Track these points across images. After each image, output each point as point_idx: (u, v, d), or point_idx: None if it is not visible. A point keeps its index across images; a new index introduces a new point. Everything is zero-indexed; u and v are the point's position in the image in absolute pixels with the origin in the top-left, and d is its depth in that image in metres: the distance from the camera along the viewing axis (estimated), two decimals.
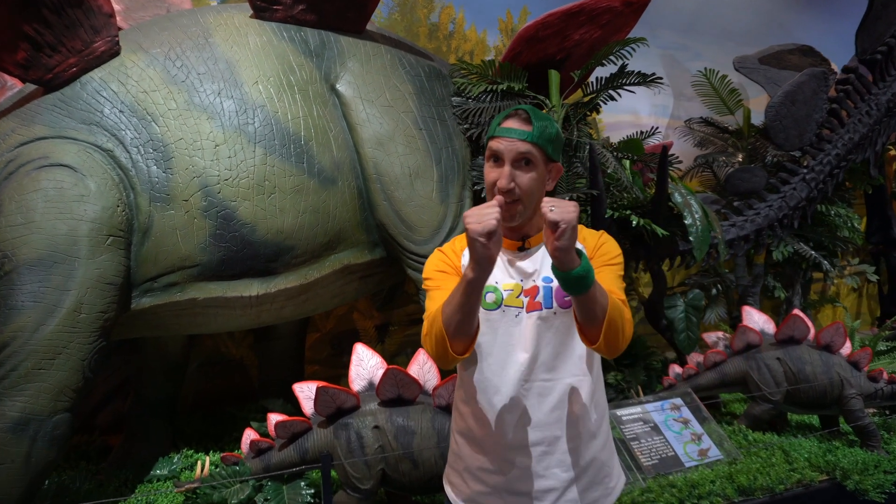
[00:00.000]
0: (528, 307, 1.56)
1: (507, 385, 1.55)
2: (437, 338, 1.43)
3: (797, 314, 3.57)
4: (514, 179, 1.50)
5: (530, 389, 1.55)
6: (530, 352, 1.55)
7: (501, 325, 1.56)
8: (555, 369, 1.56)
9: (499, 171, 1.52)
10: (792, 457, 3.23)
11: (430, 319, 1.47)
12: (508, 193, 1.50)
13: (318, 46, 3.01)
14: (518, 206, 1.53)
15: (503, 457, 1.57)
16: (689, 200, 3.26)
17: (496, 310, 1.56)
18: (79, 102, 2.58)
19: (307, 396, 2.65)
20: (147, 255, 2.56)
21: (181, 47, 2.77)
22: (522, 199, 1.52)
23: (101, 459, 3.35)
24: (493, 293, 1.57)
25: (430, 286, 1.59)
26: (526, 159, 1.51)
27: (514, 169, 1.51)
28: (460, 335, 1.42)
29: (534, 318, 1.55)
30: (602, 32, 3.40)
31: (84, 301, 2.33)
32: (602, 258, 1.60)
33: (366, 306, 4.58)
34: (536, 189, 1.55)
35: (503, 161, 1.52)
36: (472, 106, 3.30)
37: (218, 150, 2.64)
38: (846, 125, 4.15)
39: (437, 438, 2.53)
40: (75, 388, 2.32)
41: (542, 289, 1.56)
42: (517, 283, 1.58)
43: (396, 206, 2.97)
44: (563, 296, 1.56)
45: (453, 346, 1.43)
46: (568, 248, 1.29)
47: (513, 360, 1.55)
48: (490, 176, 1.55)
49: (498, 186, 1.51)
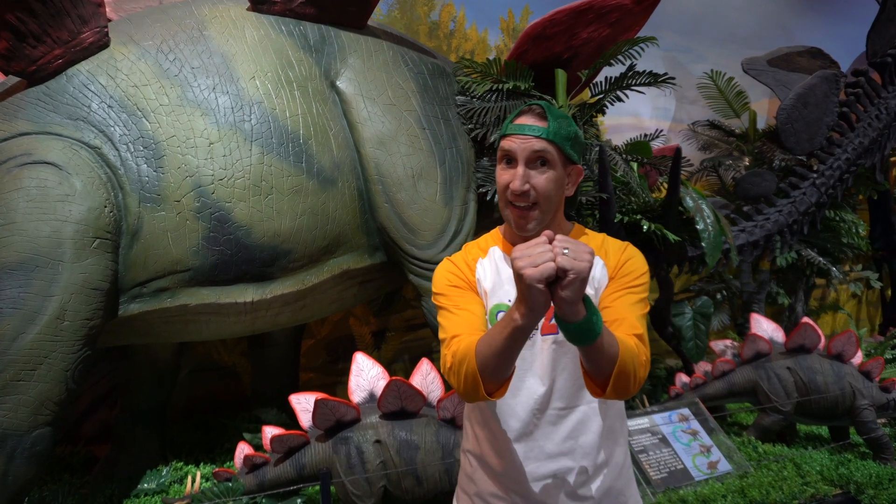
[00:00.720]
0: (543, 329, 1.41)
1: (520, 412, 1.42)
2: (469, 378, 1.28)
3: (808, 322, 3.49)
4: (529, 181, 1.35)
5: (542, 419, 1.42)
6: (546, 379, 1.41)
7: None
8: (571, 397, 1.43)
9: (512, 172, 1.38)
10: (804, 470, 3.16)
11: (459, 356, 1.30)
12: (523, 196, 1.36)
13: (317, 41, 2.89)
14: (534, 212, 1.38)
15: (515, 486, 1.44)
16: (701, 205, 3.16)
17: None
18: (65, 96, 2.45)
19: (304, 408, 2.53)
20: (136, 258, 2.43)
21: (174, 40, 2.64)
22: (539, 202, 1.37)
23: (85, 472, 3.22)
24: (503, 312, 1.40)
25: (444, 304, 1.44)
26: (542, 159, 1.36)
27: (529, 169, 1.36)
28: (497, 378, 1.28)
29: (549, 342, 1.41)
30: (611, 31, 3.30)
31: (68, 307, 2.20)
32: (624, 279, 1.43)
33: (362, 311, 4.47)
34: (554, 192, 1.39)
35: (516, 161, 1.37)
36: (476, 105, 3.19)
37: (212, 149, 2.51)
38: (856, 129, 4.08)
39: (442, 453, 2.42)
40: (57, 400, 2.18)
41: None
42: None
43: (398, 209, 2.86)
44: None
45: (488, 387, 1.29)
46: (574, 300, 1.12)
47: (526, 387, 1.42)
48: (503, 178, 1.40)
49: (511, 189, 1.36)
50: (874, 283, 5.43)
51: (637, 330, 1.33)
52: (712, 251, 3.11)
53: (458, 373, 1.30)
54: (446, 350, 1.35)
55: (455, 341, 1.33)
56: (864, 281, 5.70)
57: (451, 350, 1.33)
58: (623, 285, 1.42)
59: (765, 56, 4.24)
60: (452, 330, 1.37)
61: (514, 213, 1.39)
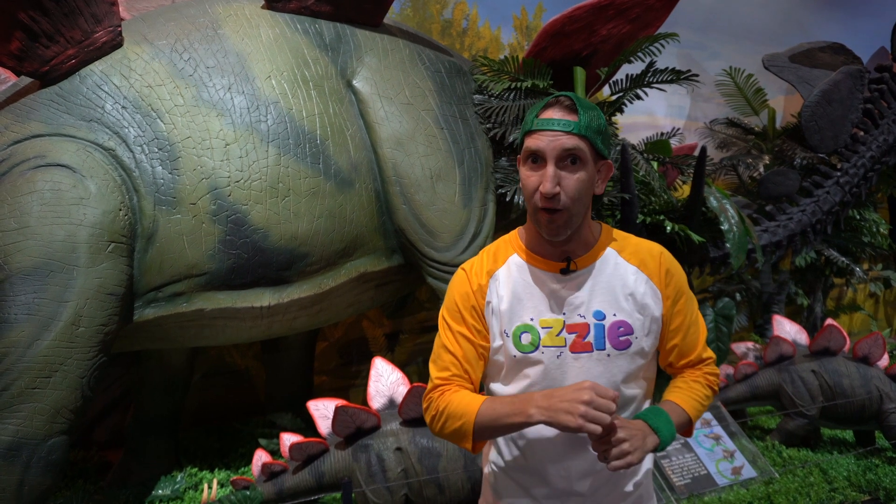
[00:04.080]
0: (573, 347, 1.31)
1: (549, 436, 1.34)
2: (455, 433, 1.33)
3: (832, 324, 3.42)
4: (560, 182, 1.23)
5: (576, 441, 1.33)
6: None
7: (542, 369, 1.32)
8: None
9: (540, 173, 1.24)
10: (831, 476, 3.10)
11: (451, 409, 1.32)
12: (553, 200, 1.23)
13: (333, 40, 2.84)
14: (564, 216, 1.25)
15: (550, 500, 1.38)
16: (725, 205, 3.09)
17: (533, 352, 1.32)
18: (78, 97, 2.41)
19: (323, 415, 2.48)
20: (151, 262, 2.39)
21: (189, 39, 2.60)
22: (570, 207, 1.25)
23: (99, 478, 3.18)
24: (528, 333, 1.32)
25: (447, 325, 1.39)
26: (573, 157, 1.24)
27: (559, 169, 1.24)
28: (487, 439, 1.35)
29: (582, 362, 1.30)
30: (631, 27, 3.25)
31: (83, 313, 2.16)
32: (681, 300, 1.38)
33: (376, 314, 4.42)
34: (586, 193, 1.27)
35: (545, 160, 1.24)
36: (494, 104, 3.13)
37: (228, 150, 2.46)
38: (880, 126, 4.00)
39: (465, 461, 2.37)
40: (73, 408, 2.14)
41: (594, 327, 1.31)
42: (558, 319, 1.32)
43: (417, 210, 2.80)
44: (617, 335, 1.31)
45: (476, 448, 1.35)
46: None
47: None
48: (530, 181, 1.26)
49: (541, 192, 1.23)
50: (894, 281, 5.34)
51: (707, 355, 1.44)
52: (737, 252, 3.04)
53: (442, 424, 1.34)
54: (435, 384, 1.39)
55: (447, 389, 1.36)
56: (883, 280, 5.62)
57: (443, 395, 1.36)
58: (683, 306, 1.39)
59: (786, 52, 4.16)
60: (444, 363, 1.39)
61: (544, 218, 1.27)
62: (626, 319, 1.32)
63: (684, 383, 1.44)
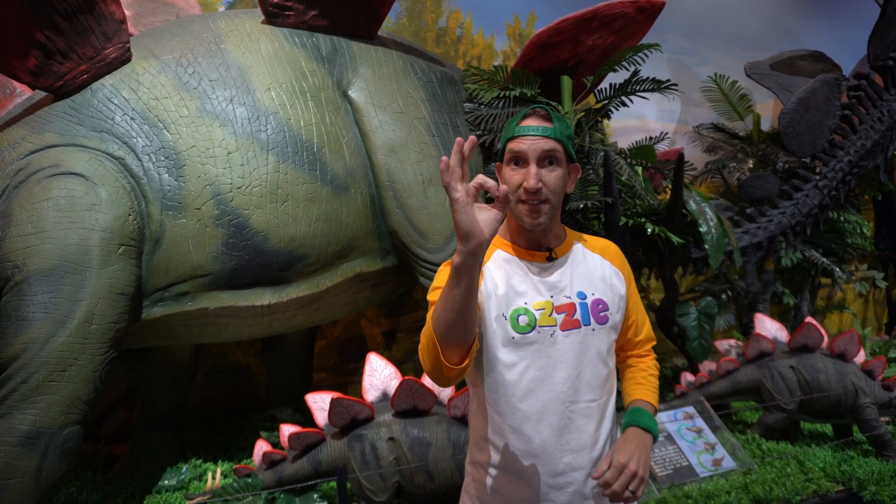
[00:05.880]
0: (563, 325, 1.47)
1: (552, 409, 1.46)
2: (429, 347, 1.29)
3: (811, 322, 3.53)
4: (541, 179, 1.43)
5: (576, 411, 1.47)
6: (573, 373, 1.46)
7: (537, 348, 1.46)
8: (596, 388, 1.51)
9: (522, 172, 1.44)
10: (807, 467, 3.19)
11: (424, 330, 1.34)
12: (536, 194, 1.43)
13: (329, 52, 2.98)
14: (545, 206, 1.45)
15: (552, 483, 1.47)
16: (704, 208, 3.23)
17: (530, 332, 1.46)
18: (89, 110, 2.54)
19: (320, 407, 2.62)
20: (158, 264, 2.52)
21: (193, 53, 2.73)
22: (550, 199, 1.45)
23: (107, 469, 3.30)
24: (524, 315, 1.46)
25: (431, 300, 1.45)
26: (551, 157, 1.44)
27: (539, 168, 1.44)
28: (454, 340, 1.25)
29: (573, 337, 1.48)
30: (615, 38, 3.37)
31: (95, 312, 2.30)
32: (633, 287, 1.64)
33: (373, 313, 4.53)
34: (561, 189, 1.48)
35: (527, 161, 1.43)
36: (484, 112, 3.26)
37: (230, 158, 2.60)
38: (858, 132, 4.12)
39: (453, 450, 2.50)
40: (86, 399, 2.28)
41: (579, 305, 1.49)
42: (548, 301, 1.48)
43: (409, 214, 2.94)
44: (598, 311, 1.51)
45: (446, 354, 1.26)
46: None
47: (554, 383, 1.47)
48: (514, 178, 1.45)
49: (526, 187, 1.42)
50: (879, 282, 5.46)
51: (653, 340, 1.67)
52: (715, 253, 3.18)
53: (423, 347, 1.32)
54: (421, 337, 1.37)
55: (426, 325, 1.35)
56: (869, 280, 5.72)
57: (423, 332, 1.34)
58: (634, 289, 1.62)
59: (767, 60, 4.29)
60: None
61: (526, 208, 1.45)
62: (602, 298, 1.53)
63: (643, 378, 1.65)
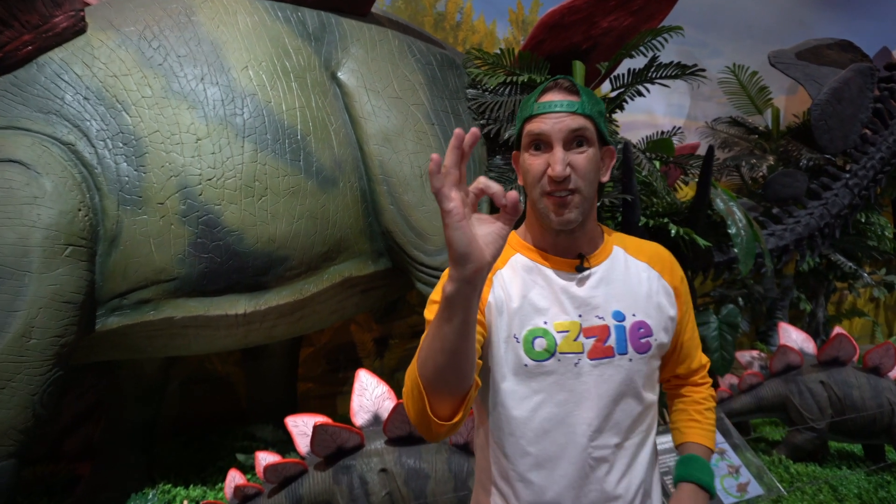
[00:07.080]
0: (592, 352, 1.17)
1: (569, 456, 1.18)
2: (414, 395, 1.01)
3: (841, 332, 3.28)
4: (569, 164, 1.14)
5: (597, 458, 1.19)
6: (600, 413, 1.18)
7: (556, 379, 1.18)
8: (625, 430, 1.21)
9: (545, 157, 1.15)
10: (841, 493, 2.98)
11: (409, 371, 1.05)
12: (563, 183, 1.14)
13: (317, 29, 2.68)
14: (576, 198, 1.15)
15: None
16: (732, 208, 2.93)
17: (548, 359, 1.17)
18: (35, 87, 2.24)
19: (302, 432, 2.30)
20: (115, 267, 2.22)
21: (159, 26, 2.43)
22: (581, 188, 1.15)
23: (66, 494, 3.03)
24: (542, 338, 1.17)
25: (429, 318, 1.17)
26: (579, 138, 1.15)
27: (566, 151, 1.15)
28: (443, 390, 0.97)
29: (603, 369, 1.18)
30: (633, 20, 3.09)
31: (35, 324, 2.00)
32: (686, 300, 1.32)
33: (364, 318, 4.26)
34: (595, 176, 1.18)
35: (550, 144, 1.15)
36: (489, 99, 2.96)
37: (200, 145, 2.30)
38: (890, 126, 3.85)
39: (455, 483, 2.21)
40: (22, 428, 1.97)
41: (614, 329, 1.19)
42: (574, 322, 1.19)
43: (405, 211, 2.64)
44: (638, 336, 1.20)
45: (434, 406, 0.98)
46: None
47: (576, 424, 1.18)
48: (535, 166, 1.16)
49: (550, 175, 1.13)
50: None
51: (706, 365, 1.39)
52: (746, 257, 2.88)
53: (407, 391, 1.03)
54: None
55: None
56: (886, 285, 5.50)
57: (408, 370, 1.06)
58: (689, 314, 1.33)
59: (792, 49, 4.00)
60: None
61: (552, 202, 1.16)
62: (645, 320, 1.22)
63: (698, 413, 1.39)
